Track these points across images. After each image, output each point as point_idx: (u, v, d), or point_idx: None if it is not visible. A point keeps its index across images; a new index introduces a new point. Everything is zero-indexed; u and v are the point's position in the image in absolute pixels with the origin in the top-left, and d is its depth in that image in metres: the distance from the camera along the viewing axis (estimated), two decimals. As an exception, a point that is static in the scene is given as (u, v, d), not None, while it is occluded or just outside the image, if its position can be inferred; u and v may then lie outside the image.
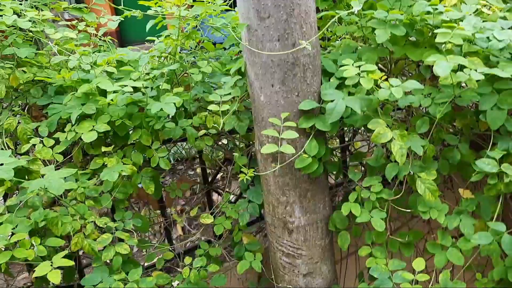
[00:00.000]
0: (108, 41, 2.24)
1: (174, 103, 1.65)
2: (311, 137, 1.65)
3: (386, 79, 1.50)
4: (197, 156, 2.27)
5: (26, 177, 1.72)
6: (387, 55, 1.78)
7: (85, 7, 2.23)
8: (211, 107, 1.62)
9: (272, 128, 1.62)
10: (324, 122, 1.59)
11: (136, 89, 1.81)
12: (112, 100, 1.70)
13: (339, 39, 2.10)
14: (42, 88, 1.98)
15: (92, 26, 2.24)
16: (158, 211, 2.62)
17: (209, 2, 1.92)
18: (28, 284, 2.41)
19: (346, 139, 2.41)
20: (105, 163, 1.78)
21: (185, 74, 2.05)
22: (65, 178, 1.58)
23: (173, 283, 1.89)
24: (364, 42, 1.92)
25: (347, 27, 1.93)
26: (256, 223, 2.42)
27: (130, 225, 1.77)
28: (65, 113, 1.83)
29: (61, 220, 1.64)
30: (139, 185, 1.89)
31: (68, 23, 2.16)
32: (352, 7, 1.55)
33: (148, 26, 1.87)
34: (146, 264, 2.14)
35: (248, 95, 1.76)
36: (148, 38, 2.20)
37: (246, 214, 1.90)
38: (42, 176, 1.58)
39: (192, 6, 1.85)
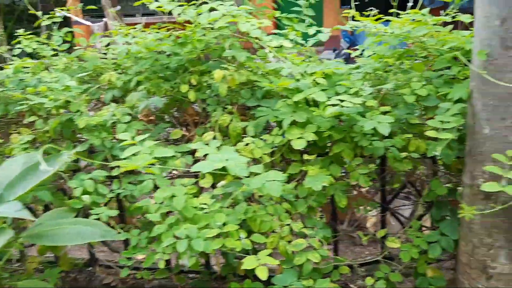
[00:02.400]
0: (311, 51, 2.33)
1: (389, 123, 1.64)
2: (538, 180, 1.49)
3: None
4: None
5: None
6: None
7: (295, 17, 2.35)
8: (430, 133, 1.57)
9: (493, 165, 1.50)
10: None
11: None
12: (322, 111, 1.76)
13: None
14: (251, 91, 2.14)
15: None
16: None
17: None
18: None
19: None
20: (304, 170, 1.85)
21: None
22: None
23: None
24: None
25: None
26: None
27: (321, 235, 1.81)
28: (272, 117, 1.95)
29: (262, 219, 1.75)
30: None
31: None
32: None
33: (366, 43, 1.88)
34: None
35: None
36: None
37: (437, 247, 1.79)
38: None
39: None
